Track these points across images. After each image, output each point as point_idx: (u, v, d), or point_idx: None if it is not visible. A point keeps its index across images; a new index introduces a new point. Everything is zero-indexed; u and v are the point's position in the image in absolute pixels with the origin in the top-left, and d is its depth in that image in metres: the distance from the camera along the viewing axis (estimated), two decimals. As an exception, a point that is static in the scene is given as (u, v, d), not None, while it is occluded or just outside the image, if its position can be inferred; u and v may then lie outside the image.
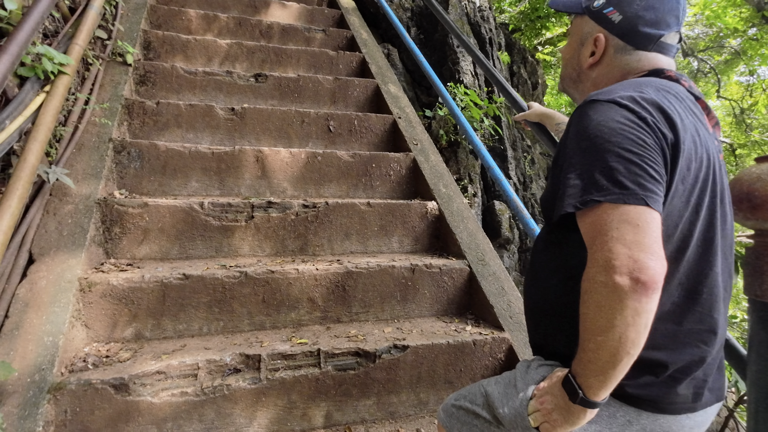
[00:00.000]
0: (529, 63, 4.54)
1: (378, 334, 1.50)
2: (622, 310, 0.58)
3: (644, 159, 0.62)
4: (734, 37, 7.92)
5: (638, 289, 0.57)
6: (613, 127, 0.64)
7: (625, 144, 0.63)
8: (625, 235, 0.59)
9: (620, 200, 0.61)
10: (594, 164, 0.64)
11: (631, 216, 0.60)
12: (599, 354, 0.61)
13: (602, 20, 0.81)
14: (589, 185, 0.63)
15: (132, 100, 2.00)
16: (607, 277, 0.59)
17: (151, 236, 1.62)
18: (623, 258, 0.58)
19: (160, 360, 1.26)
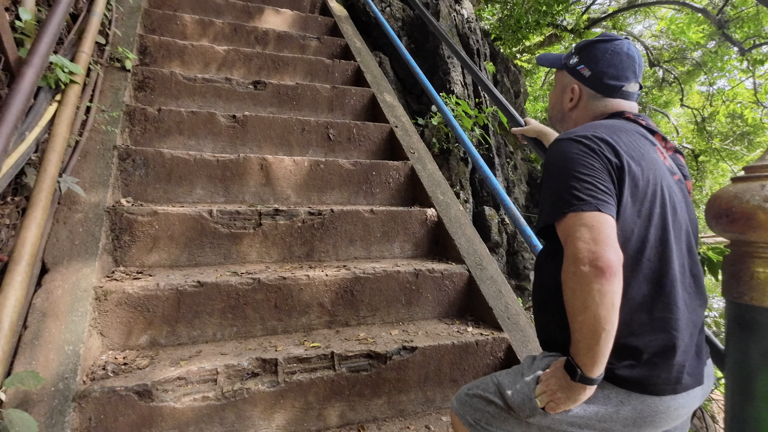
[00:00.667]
0: (512, 72, 4.73)
1: (386, 336, 1.58)
2: (589, 292, 0.75)
3: (594, 178, 0.83)
4: (696, 50, 8.45)
5: (598, 274, 0.74)
6: (570, 157, 0.86)
7: (579, 168, 0.84)
8: (584, 235, 0.78)
9: (579, 209, 0.80)
10: (560, 186, 0.85)
11: (587, 220, 0.79)
12: (583, 333, 0.77)
13: (576, 74, 1.04)
14: (558, 202, 0.84)
15: (133, 106, 2.00)
16: (575, 267, 0.76)
17: (160, 244, 1.64)
18: (584, 251, 0.76)
19: (179, 366, 1.30)
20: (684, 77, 9.34)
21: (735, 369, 0.94)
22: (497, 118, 3.68)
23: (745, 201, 0.89)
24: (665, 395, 0.85)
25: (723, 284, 1.00)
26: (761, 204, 0.87)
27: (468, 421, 1.00)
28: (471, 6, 4.04)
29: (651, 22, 10.26)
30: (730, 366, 0.96)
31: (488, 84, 1.80)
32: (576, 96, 1.04)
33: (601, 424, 0.85)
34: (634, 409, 0.85)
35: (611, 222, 0.79)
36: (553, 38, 7.77)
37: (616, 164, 0.84)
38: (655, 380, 0.84)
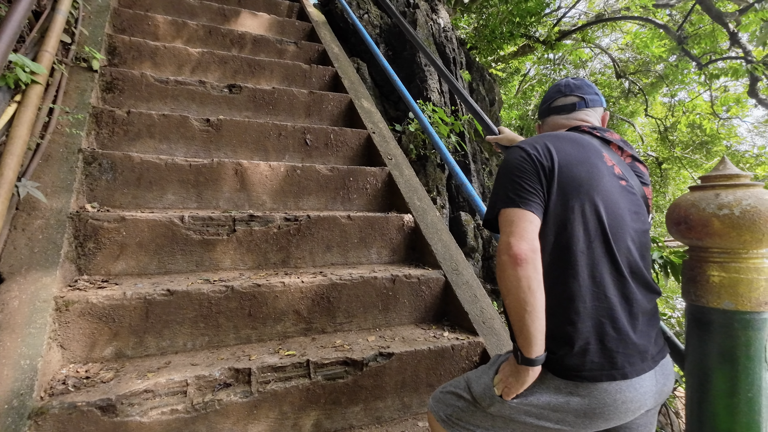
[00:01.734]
0: (487, 81, 4.85)
1: (363, 343, 1.57)
2: (508, 278, 0.86)
3: (522, 179, 0.94)
4: (659, 63, 8.91)
5: (512, 262, 0.85)
6: (510, 161, 0.99)
7: (514, 171, 0.96)
8: (505, 228, 0.91)
9: (506, 206, 0.93)
10: (498, 186, 0.99)
11: (510, 215, 0.91)
12: (512, 315, 0.88)
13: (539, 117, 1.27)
14: (495, 199, 0.97)
15: (100, 108, 1.92)
16: (498, 257, 0.89)
17: (128, 251, 1.58)
18: (503, 243, 0.88)
19: (146, 378, 1.25)
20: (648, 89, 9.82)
21: (694, 368, 0.99)
22: (473, 126, 3.76)
23: (702, 209, 0.94)
24: (601, 381, 0.89)
25: (682, 287, 1.05)
26: (715, 212, 0.92)
27: (441, 417, 1.06)
28: (447, 16, 4.13)
29: (618, 36, 10.75)
30: (690, 365, 1.01)
31: (463, 92, 1.84)
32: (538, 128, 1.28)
33: (555, 415, 0.91)
34: (583, 400, 0.90)
35: (529, 217, 0.90)
36: (526, 48, 8.02)
37: (548, 167, 0.95)
38: (589, 366, 0.89)
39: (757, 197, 0.90)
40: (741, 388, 0.93)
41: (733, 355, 0.93)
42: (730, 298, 0.93)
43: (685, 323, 1.05)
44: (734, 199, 0.91)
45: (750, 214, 0.89)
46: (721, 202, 0.92)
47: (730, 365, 0.93)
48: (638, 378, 0.91)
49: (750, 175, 0.95)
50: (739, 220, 0.90)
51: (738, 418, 0.93)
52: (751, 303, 0.92)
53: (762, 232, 0.89)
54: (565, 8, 8.89)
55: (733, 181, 0.95)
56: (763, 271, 0.93)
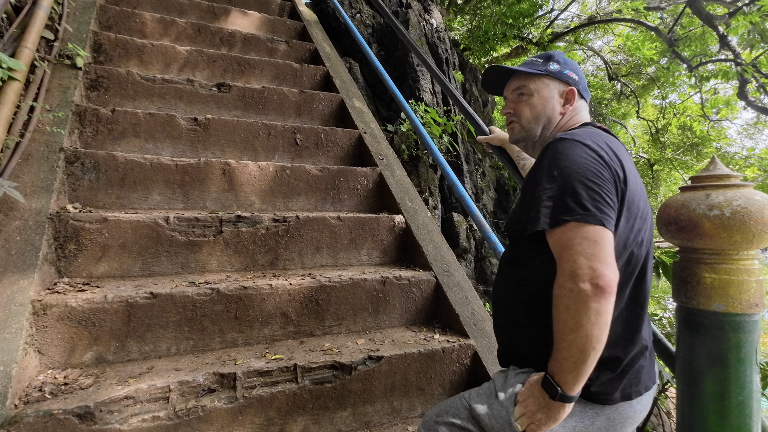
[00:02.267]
0: (480, 82, 4.84)
1: (352, 346, 1.54)
2: (586, 311, 0.71)
3: (602, 188, 0.78)
4: (650, 65, 8.99)
5: (597, 293, 0.71)
6: (578, 161, 0.80)
7: (588, 175, 0.78)
8: (586, 249, 0.73)
9: (583, 220, 0.75)
10: (563, 190, 0.78)
11: (591, 233, 0.74)
12: (571, 351, 0.73)
13: (567, 79, 1.01)
14: (559, 207, 0.77)
15: (84, 106, 1.88)
16: (573, 284, 0.72)
17: (110, 253, 1.54)
18: (585, 268, 0.72)
19: (127, 384, 1.21)
20: (640, 91, 9.90)
21: (684, 370, 0.98)
22: (465, 126, 3.75)
23: (692, 209, 0.93)
24: (633, 399, 0.87)
25: (673, 289, 1.04)
26: (706, 212, 0.91)
27: None
28: (440, 16, 4.12)
29: (610, 38, 10.84)
30: (680, 367, 0.99)
31: (455, 92, 1.82)
32: (573, 98, 1.00)
33: None
34: (608, 418, 0.86)
35: (612, 239, 0.76)
36: (519, 50, 8.05)
37: (622, 177, 0.81)
38: (624, 389, 0.86)
39: (747, 198, 0.89)
40: (732, 391, 0.92)
41: (724, 358, 0.92)
42: (721, 300, 0.91)
43: (675, 325, 1.04)
44: (725, 199, 0.90)
45: (740, 214, 0.88)
46: (711, 202, 0.91)
47: (720, 368, 0.92)
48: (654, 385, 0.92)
49: (740, 176, 0.94)
50: (729, 220, 0.88)
51: (728, 421, 0.92)
52: (741, 305, 0.90)
53: (752, 233, 0.88)
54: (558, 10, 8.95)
55: (723, 182, 0.93)
56: (754, 272, 0.92)
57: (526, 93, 1.03)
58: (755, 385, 0.92)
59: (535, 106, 1.02)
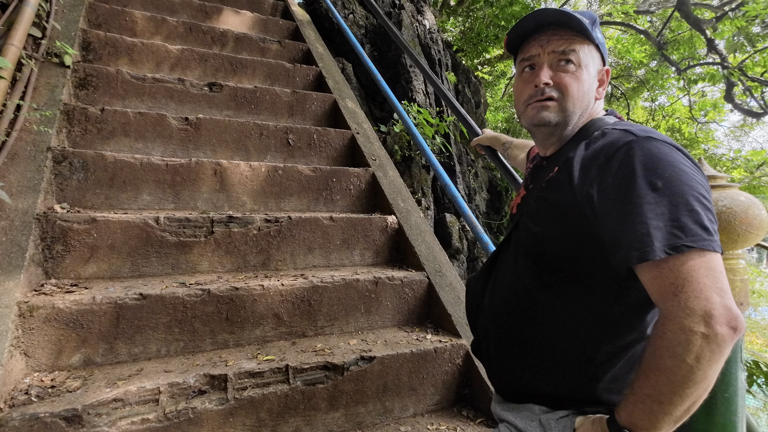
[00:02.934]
0: (473, 83, 4.87)
1: (344, 346, 1.54)
2: (719, 359, 0.58)
3: (711, 204, 0.65)
4: (640, 68, 9.12)
5: (734, 338, 0.58)
6: (686, 171, 0.64)
7: (700, 190, 0.63)
8: (716, 284, 0.59)
9: (709, 247, 0.60)
10: (678, 208, 0.61)
11: (716, 263, 0.60)
12: (682, 406, 0.60)
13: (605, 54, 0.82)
14: (676, 230, 0.61)
15: (72, 105, 1.85)
16: (709, 328, 0.57)
17: (99, 254, 1.52)
18: (720, 307, 0.57)
19: (116, 387, 1.20)
20: (630, 93, 10.03)
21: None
22: (458, 127, 3.77)
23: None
24: None
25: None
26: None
27: None
28: (433, 17, 4.13)
29: (600, 41, 10.97)
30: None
31: (448, 94, 1.83)
32: (606, 83, 0.83)
33: None
34: None
35: None
36: (512, 52, 8.09)
37: None
38: None
39: (733, 198, 0.90)
40: (718, 389, 0.92)
41: (710, 356, 0.93)
42: (707, 299, 0.93)
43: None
44: (710, 200, 0.91)
45: (726, 215, 0.89)
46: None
47: (707, 366, 0.93)
48: None
49: (726, 177, 0.96)
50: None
51: (715, 419, 0.93)
52: (727, 304, 0.92)
53: (737, 233, 0.89)
54: (550, 13, 9.01)
55: (709, 183, 0.95)
56: (739, 271, 0.93)
57: (575, 62, 0.78)
58: (740, 383, 0.94)
59: (584, 83, 0.79)
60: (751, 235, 0.90)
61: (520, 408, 0.82)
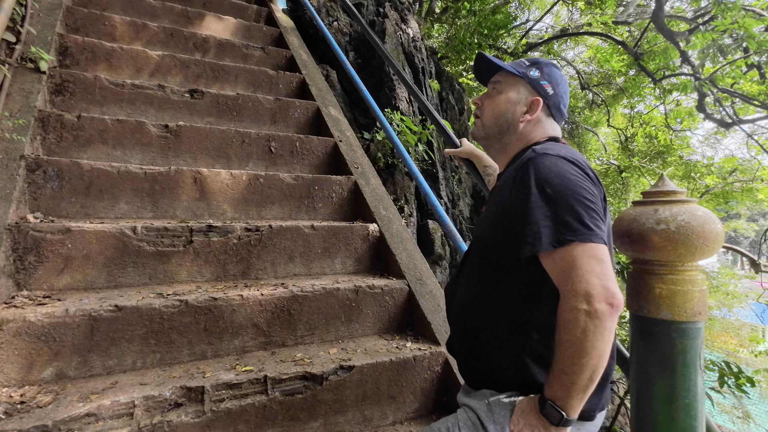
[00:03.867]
0: (456, 90, 4.94)
1: (324, 356, 1.54)
2: (602, 332, 0.71)
3: (596, 206, 0.79)
4: (619, 76, 9.39)
5: (613, 312, 0.71)
6: (571, 178, 0.79)
7: (583, 192, 0.78)
8: (596, 268, 0.73)
9: (587, 239, 0.74)
10: (562, 209, 0.76)
11: (596, 252, 0.74)
12: (583, 374, 0.72)
13: (540, 89, 0.99)
14: (560, 227, 0.75)
15: (47, 112, 1.82)
16: (589, 305, 0.71)
17: (73, 264, 1.49)
18: (599, 287, 0.71)
19: (89, 401, 1.18)
20: (610, 100, 10.31)
21: (637, 375, 1.03)
22: (442, 135, 3.81)
23: (642, 223, 0.99)
24: (604, 410, 0.92)
25: (626, 298, 1.10)
26: (654, 227, 0.97)
27: None
28: (417, 26, 4.19)
29: (581, 49, 11.26)
30: (633, 372, 1.05)
31: (427, 104, 1.86)
32: (536, 109, 0.98)
33: None
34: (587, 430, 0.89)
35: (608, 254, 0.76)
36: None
37: (602, 195, 0.83)
38: (605, 402, 0.91)
39: (691, 213, 0.95)
40: (679, 394, 0.97)
41: (672, 363, 0.97)
42: (668, 309, 0.97)
43: (629, 332, 1.09)
44: (670, 214, 0.96)
45: (684, 229, 0.94)
46: (659, 217, 0.97)
47: (669, 372, 0.97)
48: None
49: (684, 192, 1.01)
50: (674, 234, 0.94)
51: (676, 423, 0.97)
52: (686, 313, 0.96)
53: (695, 246, 0.94)
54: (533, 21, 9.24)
55: (670, 198, 1.00)
56: (697, 282, 0.98)
57: (497, 90, 1.02)
58: (699, 388, 0.98)
59: (499, 105, 1.00)
60: (708, 248, 0.95)
61: (476, 393, 0.94)
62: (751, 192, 8.10)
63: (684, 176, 8.87)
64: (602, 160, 11.62)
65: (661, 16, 5.25)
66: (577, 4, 7.71)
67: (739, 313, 10.87)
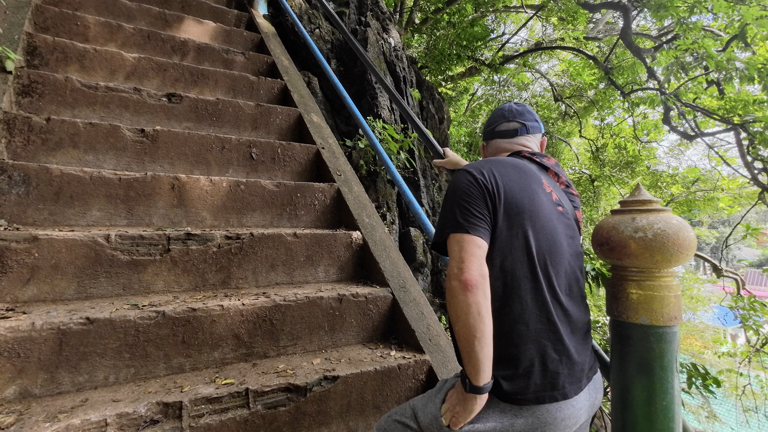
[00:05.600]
0: (436, 99, 5.02)
1: (307, 366, 1.51)
2: (459, 303, 0.86)
3: (471, 204, 0.96)
4: (590, 89, 9.77)
5: (463, 287, 0.86)
6: (458, 185, 1.00)
7: (462, 195, 0.97)
8: (455, 253, 0.91)
9: (455, 231, 0.93)
10: (447, 210, 0.99)
11: (459, 240, 0.92)
12: (461, 341, 0.88)
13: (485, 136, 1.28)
14: (444, 224, 0.97)
15: (13, 114, 1.73)
16: (449, 282, 0.89)
17: (40, 275, 1.41)
18: (453, 268, 0.89)
19: (56, 420, 1.11)
20: (582, 112, 10.71)
21: (617, 378, 1.06)
22: (422, 142, 3.85)
23: (620, 231, 1.02)
24: (548, 403, 0.92)
25: (606, 304, 1.13)
26: (632, 234, 1.01)
27: None
28: (398, 36, 4.24)
29: (555, 62, 11.67)
30: (613, 375, 1.08)
31: (412, 114, 1.88)
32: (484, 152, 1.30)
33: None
34: (526, 421, 0.92)
35: (478, 242, 0.92)
36: (473, 70, 8.45)
37: (494, 192, 0.98)
38: (533, 388, 0.92)
39: (666, 221, 1.00)
40: (657, 397, 1.00)
41: (650, 366, 1.00)
42: (646, 314, 1.01)
43: (609, 337, 1.12)
44: (647, 223, 1.00)
45: (660, 236, 0.98)
46: (636, 225, 1.01)
47: (647, 376, 1.00)
48: (576, 396, 0.96)
49: (659, 201, 1.05)
50: (651, 242, 0.98)
51: (655, 425, 1.00)
52: (663, 318, 1.00)
53: (670, 252, 0.98)
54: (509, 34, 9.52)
55: (646, 207, 1.04)
56: (673, 288, 1.02)
57: None
58: (676, 391, 1.02)
59: None
60: (682, 255, 1.00)
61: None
62: (712, 201, 8.55)
63: (651, 185, 9.28)
64: (575, 170, 12.02)
65: (628, 34, 5.52)
66: (551, 20, 8.01)
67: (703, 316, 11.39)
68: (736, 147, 5.76)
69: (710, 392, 2.78)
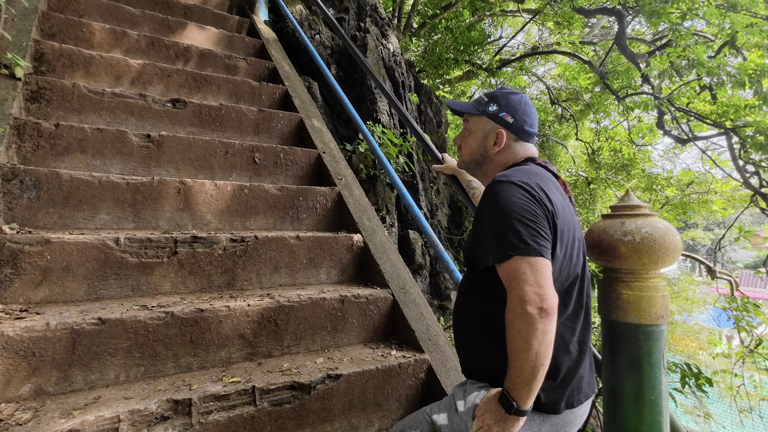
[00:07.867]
0: (434, 104, 5.09)
1: (311, 365, 1.56)
2: (534, 332, 0.82)
3: (537, 224, 0.90)
4: (586, 93, 9.88)
5: (543, 315, 0.82)
6: (515, 201, 0.92)
7: (524, 213, 0.90)
8: (529, 278, 0.84)
9: (525, 253, 0.86)
10: (505, 228, 0.90)
11: (532, 264, 0.86)
12: (524, 369, 0.83)
13: (500, 120, 1.12)
14: (504, 244, 0.89)
15: (23, 120, 1.77)
16: (522, 308, 0.83)
17: (52, 277, 1.45)
18: (530, 294, 0.83)
19: (71, 417, 1.15)
20: (578, 115, 10.81)
21: (608, 375, 1.12)
22: (421, 146, 3.92)
23: (610, 235, 1.08)
24: (574, 407, 0.99)
25: (598, 304, 1.19)
26: (621, 238, 1.06)
27: None
28: (397, 41, 4.31)
29: (551, 66, 11.79)
30: (605, 373, 1.13)
31: (411, 120, 1.94)
32: (502, 140, 1.11)
33: None
34: (552, 425, 0.97)
35: (550, 266, 0.88)
36: (470, 74, 8.53)
37: (552, 212, 0.93)
38: (567, 396, 0.97)
39: (653, 225, 1.06)
40: (646, 392, 1.06)
41: (639, 363, 1.06)
42: (635, 313, 1.07)
43: (601, 336, 1.18)
44: (635, 227, 1.06)
45: (648, 240, 1.04)
46: (625, 229, 1.07)
47: (636, 372, 1.06)
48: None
49: (647, 206, 1.11)
50: (639, 245, 1.04)
51: (644, 419, 1.06)
52: (651, 317, 1.06)
53: (657, 255, 1.04)
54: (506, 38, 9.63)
55: (635, 211, 1.10)
56: (660, 289, 1.08)
57: (468, 129, 1.18)
58: (663, 386, 1.07)
59: (471, 143, 1.17)
60: (668, 257, 1.06)
61: (463, 382, 1.08)
62: (706, 203, 8.66)
63: (646, 188, 9.38)
64: (571, 172, 12.12)
65: (623, 39, 5.62)
66: (547, 25, 8.11)
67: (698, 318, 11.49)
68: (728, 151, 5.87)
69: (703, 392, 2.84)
